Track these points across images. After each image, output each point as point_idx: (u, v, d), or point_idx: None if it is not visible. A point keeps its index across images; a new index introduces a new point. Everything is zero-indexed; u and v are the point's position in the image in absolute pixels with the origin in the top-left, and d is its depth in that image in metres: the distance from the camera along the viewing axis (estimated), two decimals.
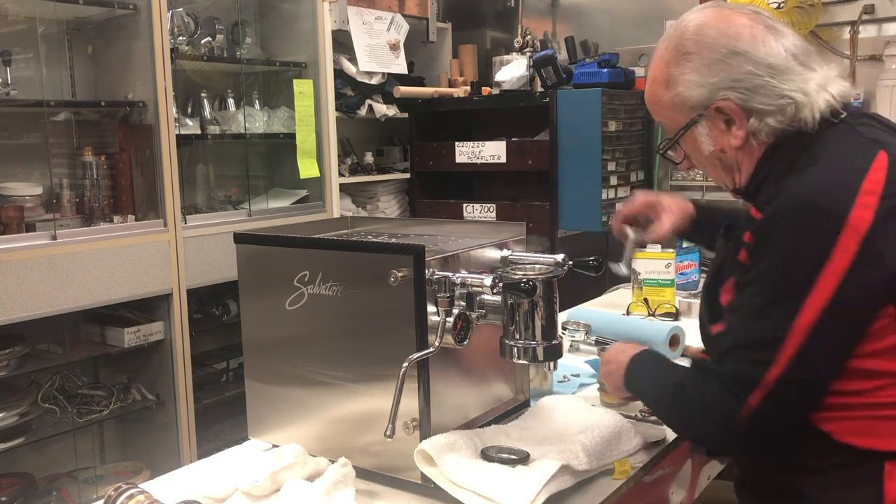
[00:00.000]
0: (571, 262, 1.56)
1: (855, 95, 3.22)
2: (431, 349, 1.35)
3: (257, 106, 3.49)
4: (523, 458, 1.38)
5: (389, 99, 3.88)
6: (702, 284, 2.07)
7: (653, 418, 1.65)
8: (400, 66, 3.86)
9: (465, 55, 4.27)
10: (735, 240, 1.31)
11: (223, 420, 3.26)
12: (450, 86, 4.15)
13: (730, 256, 1.32)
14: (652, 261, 2.60)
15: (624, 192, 3.65)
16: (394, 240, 1.65)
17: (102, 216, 2.91)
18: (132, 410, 2.97)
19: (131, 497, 1.27)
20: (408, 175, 4.05)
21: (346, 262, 1.43)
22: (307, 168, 3.45)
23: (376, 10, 3.79)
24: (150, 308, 2.97)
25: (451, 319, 1.36)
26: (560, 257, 1.54)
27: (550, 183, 3.57)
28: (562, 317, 2.28)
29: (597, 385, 1.81)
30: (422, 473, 1.36)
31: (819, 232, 1.14)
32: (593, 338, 2.20)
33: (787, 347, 1.16)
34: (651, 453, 1.52)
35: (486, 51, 4.41)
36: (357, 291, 1.42)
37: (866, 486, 1.19)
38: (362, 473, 1.42)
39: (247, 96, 3.45)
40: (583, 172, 3.50)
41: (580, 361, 2.06)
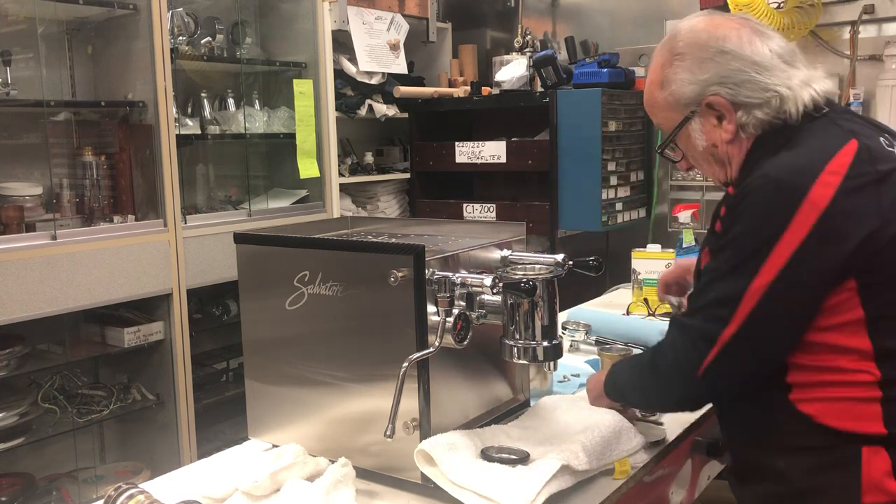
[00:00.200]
0: (571, 262, 1.57)
1: (855, 95, 3.22)
2: (431, 349, 1.35)
3: (257, 106, 3.49)
4: (523, 458, 1.38)
5: (389, 99, 3.88)
6: None
7: (653, 418, 1.65)
8: (400, 66, 3.86)
9: (465, 55, 4.27)
10: (714, 215, 1.44)
11: (223, 420, 3.26)
12: (450, 86, 4.15)
13: (709, 229, 1.45)
14: (652, 261, 2.60)
15: (624, 192, 3.66)
16: (394, 240, 1.65)
17: (102, 216, 2.91)
18: (132, 410, 2.97)
19: (131, 497, 1.27)
20: (408, 175, 4.05)
21: (346, 262, 1.44)
22: (307, 168, 3.45)
23: (376, 10, 3.79)
24: (150, 308, 2.96)
25: (451, 319, 1.36)
26: (560, 257, 1.54)
27: (550, 183, 3.57)
28: (562, 317, 2.29)
29: None
30: (422, 473, 1.36)
31: (781, 204, 1.23)
32: (593, 338, 2.20)
33: (743, 307, 1.25)
34: (651, 453, 1.52)
35: (486, 51, 4.41)
36: (357, 291, 1.42)
37: (846, 470, 1.24)
38: (362, 473, 1.43)
39: (247, 96, 3.45)
40: (583, 172, 3.50)
41: (580, 361, 2.06)
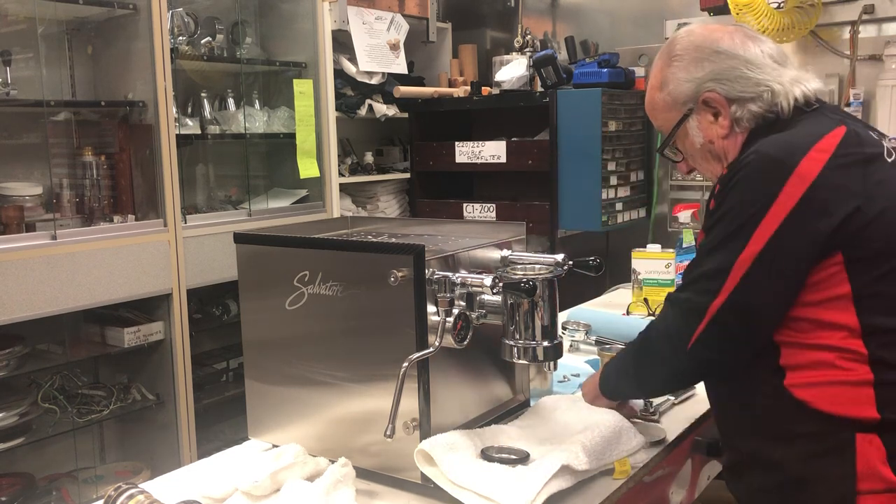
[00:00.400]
0: (571, 262, 1.57)
1: (855, 95, 3.22)
2: (431, 349, 1.35)
3: (257, 106, 3.49)
4: (523, 458, 1.38)
5: (389, 99, 3.88)
6: None
7: (653, 418, 1.65)
8: (400, 66, 3.86)
9: (465, 55, 4.27)
10: (710, 194, 1.46)
11: (223, 420, 3.26)
12: (450, 86, 4.15)
13: (706, 210, 1.47)
14: (652, 261, 2.60)
15: (624, 192, 3.66)
16: (394, 240, 1.65)
17: (102, 216, 2.91)
18: (132, 410, 2.97)
19: (131, 497, 1.27)
20: (408, 175, 4.05)
21: (346, 262, 1.44)
22: (307, 168, 3.45)
23: (376, 10, 3.79)
24: (150, 308, 2.96)
25: (451, 319, 1.36)
26: (560, 257, 1.55)
27: (550, 183, 3.57)
28: (562, 317, 2.29)
29: None
30: (422, 473, 1.36)
31: (770, 177, 1.28)
32: (593, 338, 2.20)
33: (732, 277, 1.29)
34: (651, 453, 1.52)
35: (486, 51, 4.41)
36: (357, 291, 1.42)
37: (841, 457, 1.25)
38: (362, 473, 1.42)
39: (247, 96, 3.45)
40: (583, 172, 3.50)
41: (580, 361, 2.06)
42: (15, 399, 2.69)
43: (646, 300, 2.53)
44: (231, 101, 3.44)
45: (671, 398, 1.75)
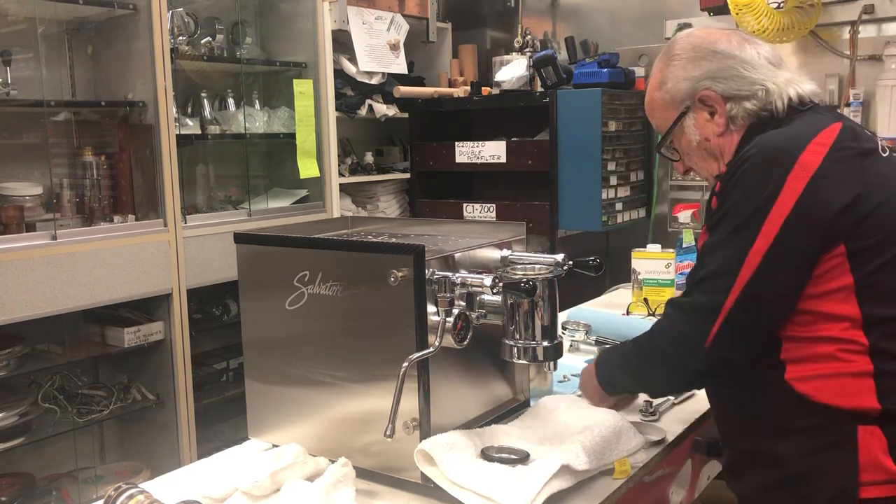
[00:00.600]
0: (571, 262, 1.57)
1: (855, 95, 3.22)
2: (431, 349, 1.35)
3: (257, 106, 3.49)
4: (523, 458, 1.38)
5: (389, 99, 3.88)
6: None
7: (653, 418, 1.65)
8: (400, 66, 3.86)
9: (465, 55, 4.27)
10: (711, 193, 1.46)
11: (223, 420, 3.26)
12: (450, 86, 4.15)
13: (707, 209, 1.48)
14: (652, 261, 2.60)
15: (624, 192, 3.65)
16: (394, 240, 1.65)
17: (102, 216, 2.91)
18: (132, 410, 2.97)
19: (131, 497, 1.27)
20: (408, 175, 4.05)
21: (346, 262, 1.44)
22: (307, 168, 3.45)
23: (376, 10, 3.79)
24: (150, 308, 2.96)
25: (451, 319, 1.36)
26: (560, 257, 1.55)
27: (550, 183, 3.57)
28: (562, 317, 2.29)
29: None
30: (422, 473, 1.36)
31: (772, 169, 1.29)
32: (593, 338, 2.20)
33: (743, 273, 1.29)
34: (651, 453, 1.52)
35: (486, 51, 4.41)
36: (357, 291, 1.42)
37: (843, 449, 1.25)
38: (362, 473, 1.42)
39: (247, 96, 3.45)
40: (583, 172, 3.50)
41: (580, 361, 2.06)
42: (15, 399, 2.69)
43: (646, 300, 2.53)
44: (231, 101, 3.44)
45: (671, 398, 1.75)
